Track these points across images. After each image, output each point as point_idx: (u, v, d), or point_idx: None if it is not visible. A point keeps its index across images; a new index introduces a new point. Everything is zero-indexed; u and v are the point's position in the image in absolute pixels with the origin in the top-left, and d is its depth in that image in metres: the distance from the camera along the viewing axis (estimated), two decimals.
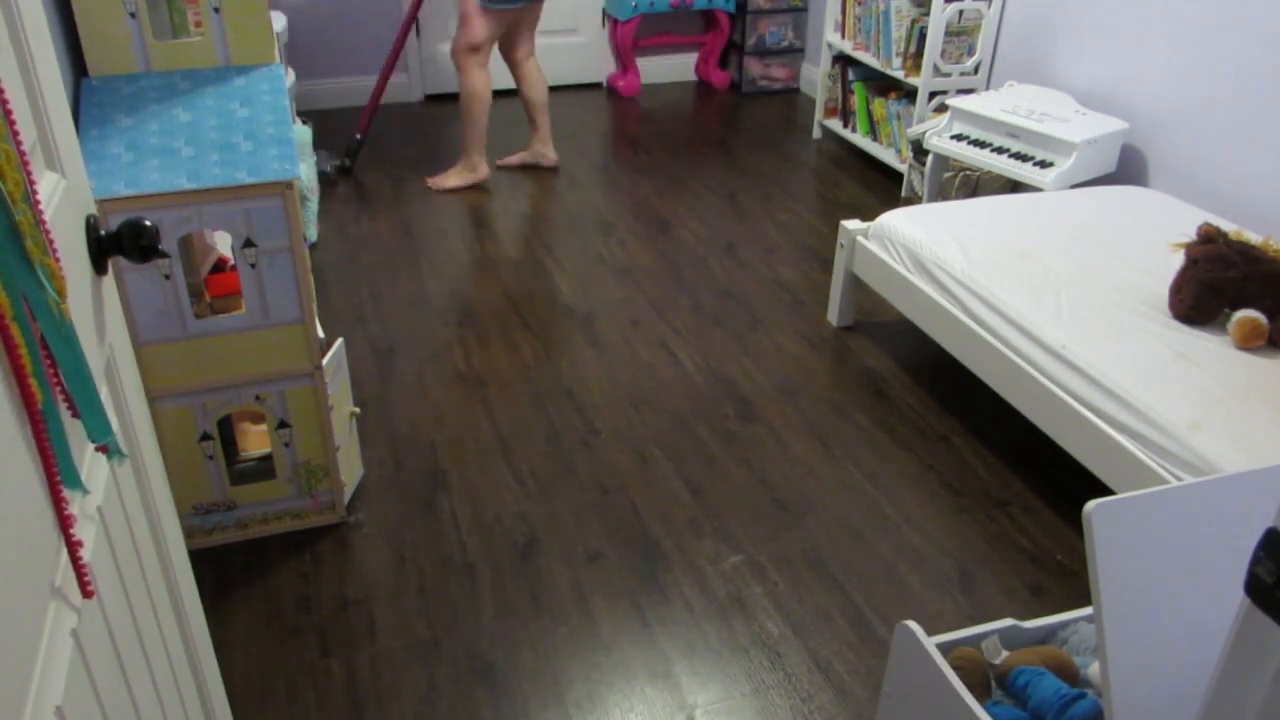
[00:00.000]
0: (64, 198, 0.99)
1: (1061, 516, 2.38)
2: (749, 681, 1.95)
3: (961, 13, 3.86)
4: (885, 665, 1.87)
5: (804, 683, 1.94)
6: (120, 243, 1.06)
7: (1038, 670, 1.52)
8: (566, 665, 1.97)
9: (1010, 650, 1.60)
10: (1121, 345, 2.26)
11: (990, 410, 2.73)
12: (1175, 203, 2.98)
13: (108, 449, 0.95)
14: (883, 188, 4.22)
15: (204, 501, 2.18)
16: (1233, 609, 0.73)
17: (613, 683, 1.94)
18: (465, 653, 1.99)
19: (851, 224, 3.02)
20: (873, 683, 1.94)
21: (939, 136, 3.53)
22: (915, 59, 4.02)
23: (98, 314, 1.07)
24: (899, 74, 4.10)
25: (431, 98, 5.16)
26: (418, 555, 2.24)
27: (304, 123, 3.91)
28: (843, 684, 1.94)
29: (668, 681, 1.94)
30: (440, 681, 1.93)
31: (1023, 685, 1.51)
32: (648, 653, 2.01)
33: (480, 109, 3.96)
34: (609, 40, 5.33)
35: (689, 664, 1.98)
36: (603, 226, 3.85)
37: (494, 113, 4.24)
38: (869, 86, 4.38)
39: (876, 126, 4.37)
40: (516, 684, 1.93)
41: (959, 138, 3.48)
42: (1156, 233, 2.76)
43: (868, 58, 4.30)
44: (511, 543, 2.28)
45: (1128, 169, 3.34)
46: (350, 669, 1.96)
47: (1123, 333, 2.31)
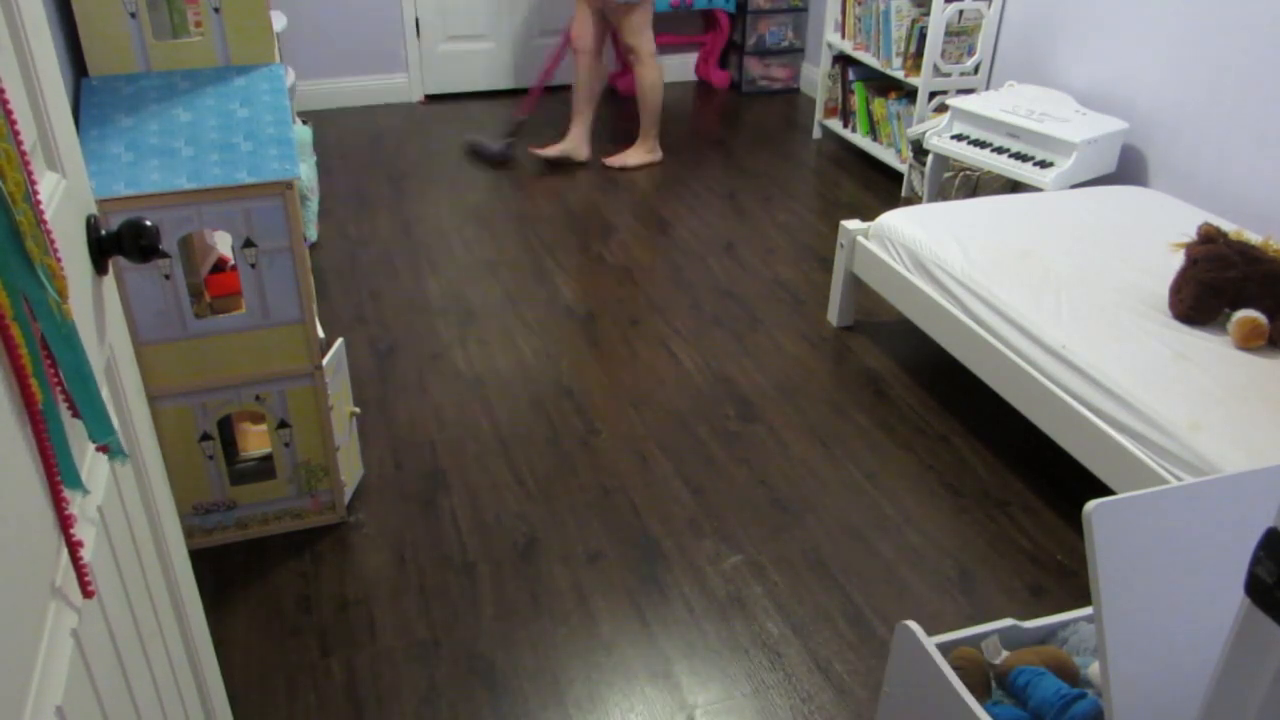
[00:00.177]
0: (64, 198, 0.99)
1: (1061, 516, 2.38)
2: (749, 681, 1.95)
3: (961, 13, 3.86)
4: (885, 665, 1.87)
5: (804, 683, 1.94)
6: (120, 243, 1.06)
7: (1038, 670, 1.52)
8: (566, 665, 1.97)
9: (1010, 650, 1.60)
10: (1121, 345, 2.26)
11: (990, 410, 2.73)
12: (1175, 203, 2.98)
13: (108, 449, 0.95)
14: (883, 188, 4.22)
15: (204, 501, 2.18)
16: (1233, 609, 0.73)
17: (613, 683, 1.94)
18: (465, 653, 1.99)
19: (851, 224, 3.02)
20: (873, 683, 1.94)
21: (939, 136, 3.53)
22: (915, 59, 4.02)
23: (98, 314, 1.07)
24: (899, 74, 4.10)
25: (431, 97, 5.16)
26: (418, 555, 2.24)
27: (304, 123, 3.91)
28: (843, 684, 1.94)
29: (668, 681, 1.94)
30: (440, 681, 1.93)
31: (1023, 685, 1.51)
32: (648, 653, 2.01)
33: (659, 95, 4.29)
34: (610, 40, 5.32)
35: (689, 664, 1.98)
36: (603, 226, 3.85)
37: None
38: (869, 86, 4.38)
39: (876, 126, 4.37)
40: (516, 684, 1.93)
41: (959, 138, 3.48)
42: (1156, 233, 2.76)
43: (868, 58, 4.30)
44: (511, 543, 2.28)
45: (1128, 169, 3.34)
46: (350, 669, 1.96)
47: (1123, 333, 2.31)
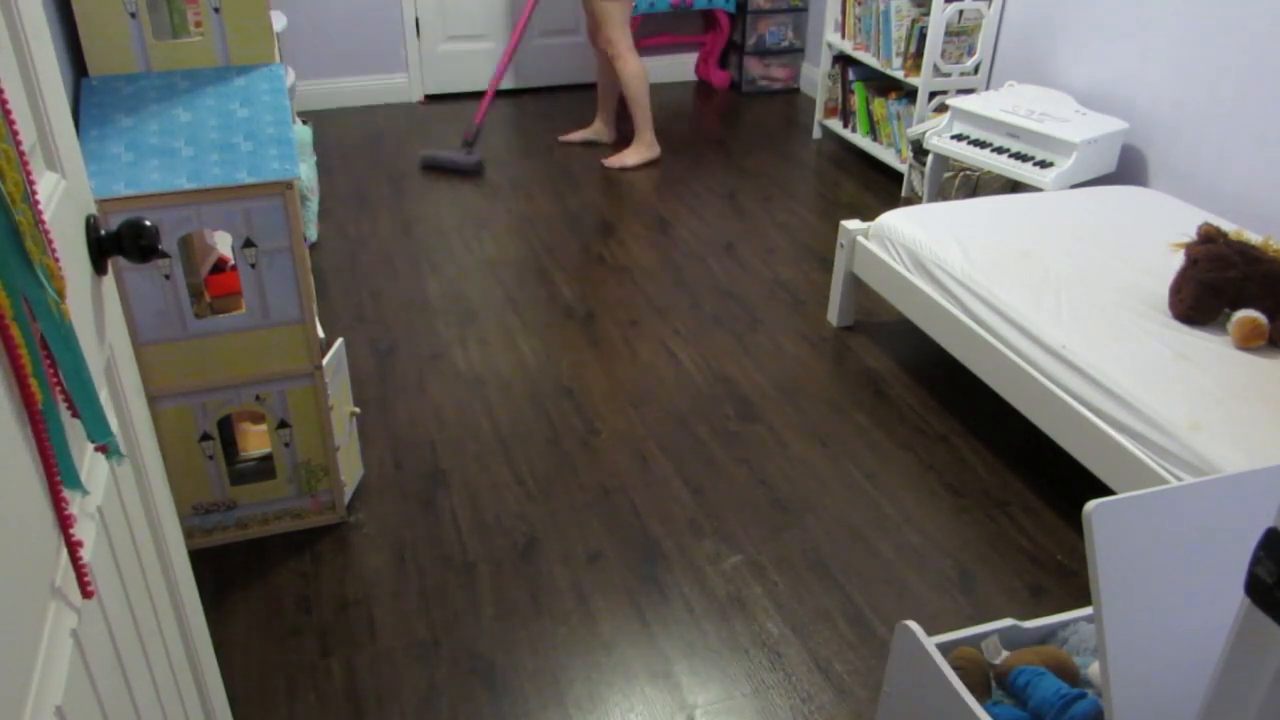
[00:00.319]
0: (64, 198, 0.99)
1: (1061, 516, 2.38)
2: (749, 681, 1.95)
3: (961, 13, 3.86)
4: (885, 665, 1.87)
5: (804, 683, 1.94)
6: (120, 243, 1.06)
7: (1038, 670, 1.52)
8: (566, 665, 1.97)
9: (1010, 650, 1.60)
10: (1121, 345, 2.26)
11: (990, 410, 2.73)
12: (1175, 203, 2.98)
13: (107, 449, 0.95)
14: (883, 188, 4.22)
15: (204, 501, 2.18)
16: (1233, 609, 0.73)
17: (613, 683, 1.94)
18: (465, 653, 1.99)
19: (851, 224, 3.02)
20: (873, 683, 1.94)
21: (939, 136, 3.53)
22: (915, 59, 4.02)
23: (98, 314, 1.07)
24: (899, 74, 4.10)
25: (431, 97, 5.16)
26: (418, 555, 2.24)
27: (304, 123, 3.91)
28: (843, 684, 1.94)
29: (668, 681, 1.94)
30: (440, 681, 1.93)
31: (1023, 685, 1.51)
32: (648, 653, 2.01)
33: (645, 89, 4.26)
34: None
35: (689, 664, 1.98)
36: (603, 226, 3.85)
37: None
38: (869, 86, 4.37)
39: (876, 126, 4.37)
40: (516, 684, 1.93)
41: (959, 138, 3.48)
42: (1156, 233, 2.76)
43: (868, 58, 4.30)
44: (511, 543, 2.28)
45: (1128, 169, 3.34)
46: (350, 669, 1.96)
47: (1123, 333, 2.31)
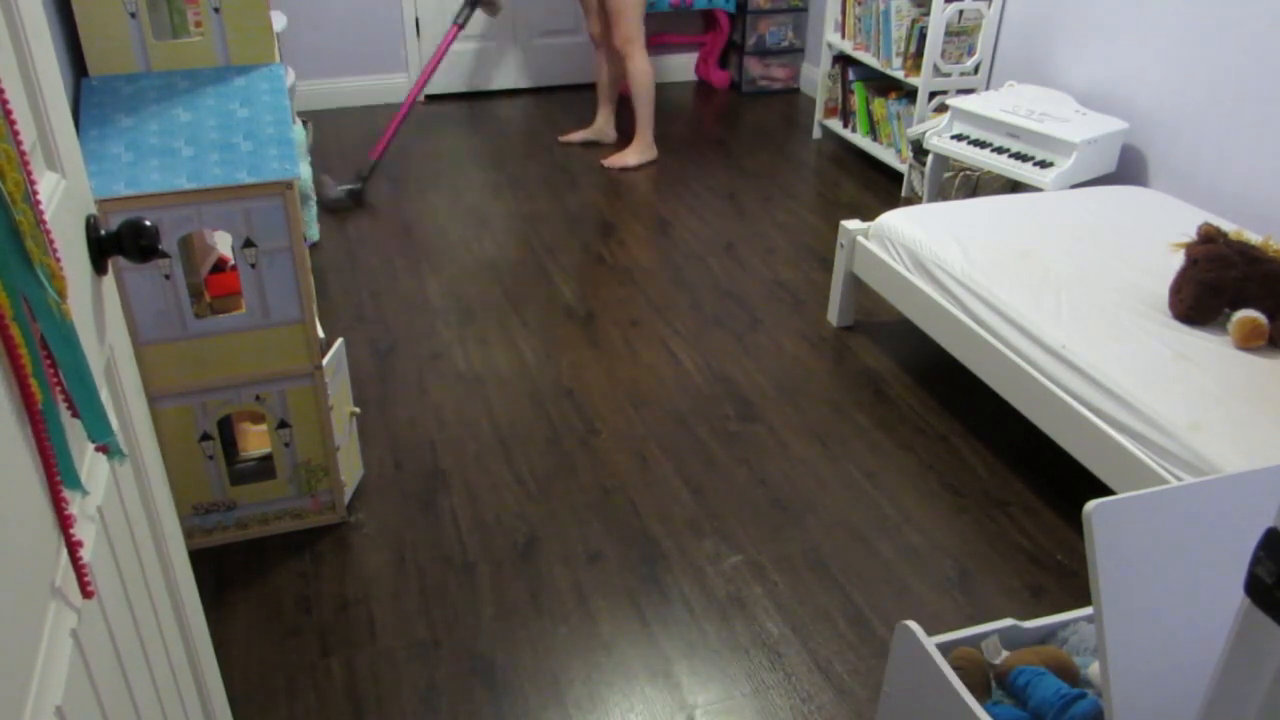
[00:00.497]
0: (64, 198, 0.99)
1: (1061, 516, 2.38)
2: (749, 681, 1.95)
3: (961, 13, 3.86)
4: (885, 665, 1.87)
5: (804, 683, 1.94)
6: (120, 243, 1.06)
7: (1038, 670, 1.52)
8: (566, 665, 1.97)
9: (1010, 650, 1.60)
10: (1121, 345, 2.26)
11: (990, 410, 2.73)
12: (1175, 203, 2.98)
13: (108, 449, 0.95)
14: (883, 188, 4.22)
15: (204, 501, 2.18)
16: (1233, 609, 0.73)
17: (613, 683, 1.94)
18: (465, 653, 1.99)
19: (851, 224, 3.02)
20: (873, 683, 1.94)
21: (939, 136, 3.53)
22: (915, 59, 4.02)
23: (98, 314, 1.07)
24: (899, 74, 4.10)
25: (432, 97, 5.16)
26: (418, 555, 2.24)
27: (304, 123, 3.91)
28: (843, 684, 1.94)
29: (668, 681, 1.94)
30: (440, 681, 1.93)
31: (1023, 685, 1.51)
32: (648, 653, 2.01)
33: (652, 88, 4.30)
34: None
35: (689, 664, 1.98)
36: (603, 226, 3.85)
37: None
38: (869, 86, 4.37)
39: (876, 126, 4.37)
40: (516, 684, 1.93)
41: (959, 138, 3.48)
42: (1156, 233, 2.76)
43: (868, 58, 4.30)
44: (511, 543, 2.28)
45: (1128, 169, 3.34)
46: (350, 669, 1.96)
47: (1123, 333, 2.31)
